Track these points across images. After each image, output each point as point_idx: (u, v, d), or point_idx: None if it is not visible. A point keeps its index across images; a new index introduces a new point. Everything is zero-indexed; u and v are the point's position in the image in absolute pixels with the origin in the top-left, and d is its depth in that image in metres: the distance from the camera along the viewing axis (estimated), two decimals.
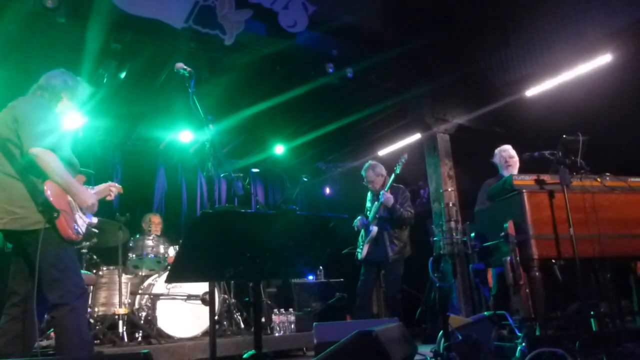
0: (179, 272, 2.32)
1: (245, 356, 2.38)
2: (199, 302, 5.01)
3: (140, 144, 7.82)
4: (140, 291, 5.27)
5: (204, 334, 5.00)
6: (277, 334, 5.27)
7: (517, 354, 2.95)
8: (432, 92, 6.61)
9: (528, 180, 3.32)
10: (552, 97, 6.21)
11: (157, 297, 5.04)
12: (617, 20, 5.37)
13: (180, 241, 4.51)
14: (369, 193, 5.21)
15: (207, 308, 2.91)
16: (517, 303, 3.22)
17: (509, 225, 3.18)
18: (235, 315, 5.60)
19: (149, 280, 5.32)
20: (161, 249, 5.64)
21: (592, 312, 3.33)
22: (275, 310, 5.56)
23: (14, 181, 2.71)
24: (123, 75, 5.66)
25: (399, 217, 4.83)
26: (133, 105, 6.55)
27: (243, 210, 4.64)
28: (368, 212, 5.09)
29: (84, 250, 5.16)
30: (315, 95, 6.18)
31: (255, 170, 8.91)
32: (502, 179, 3.55)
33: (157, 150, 7.99)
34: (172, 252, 5.71)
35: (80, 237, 2.87)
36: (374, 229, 4.89)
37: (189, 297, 5.07)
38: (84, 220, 2.93)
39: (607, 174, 3.43)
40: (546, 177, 3.31)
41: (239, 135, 7.63)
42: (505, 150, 4.45)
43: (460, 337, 3.39)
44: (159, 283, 5.19)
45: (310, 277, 6.65)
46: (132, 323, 4.87)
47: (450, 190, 6.49)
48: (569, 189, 3.17)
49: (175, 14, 4.79)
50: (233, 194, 8.23)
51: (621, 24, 5.35)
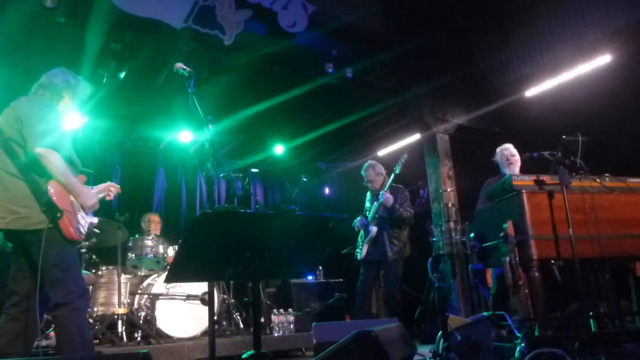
0: (178, 272, 2.32)
1: (244, 356, 2.37)
2: (198, 302, 5.00)
3: (139, 144, 7.82)
4: (139, 291, 5.27)
5: (203, 334, 5.00)
6: (276, 334, 5.26)
7: (516, 355, 2.95)
8: (432, 92, 6.60)
9: (527, 180, 3.32)
10: (552, 97, 6.21)
11: (156, 297, 5.04)
12: (617, 20, 5.38)
13: (180, 241, 4.51)
14: (368, 193, 5.21)
15: (207, 308, 2.91)
16: (517, 303, 3.22)
17: (508, 226, 3.19)
18: (234, 316, 5.60)
19: (148, 280, 5.32)
20: (160, 249, 5.63)
21: (591, 313, 3.33)
22: (275, 310, 5.56)
23: (16, 180, 2.71)
24: (122, 75, 5.66)
25: (398, 217, 4.84)
26: (132, 105, 6.56)
27: (242, 211, 4.65)
28: (367, 212, 5.09)
29: (83, 250, 5.14)
30: (315, 96, 6.18)
31: (254, 170, 8.91)
32: (502, 178, 3.55)
33: (157, 150, 7.99)
34: (171, 252, 5.71)
35: (82, 237, 2.87)
36: (374, 229, 4.89)
37: (188, 297, 5.07)
38: (86, 220, 2.93)
39: (607, 175, 3.43)
40: (545, 178, 3.32)
41: (238, 135, 7.63)
42: (506, 149, 4.45)
43: (459, 338, 3.39)
44: (158, 283, 5.18)
45: (310, 277, 6.65)
46: (131, 323, 4.86)
47: (449, 190, 6.49)
48: (569, 190, 3.18)
49: (175, 13, 4.79)
50: (232, 194, 8.22)
51: (621, 23, 5.35)
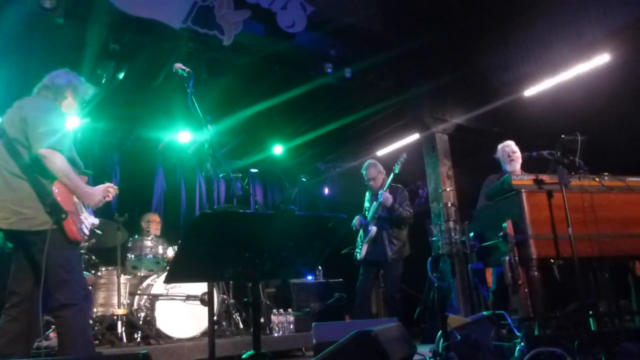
0: (178, 272, 2.32)
1: (244, 356, 2.37)
2: (198, 302, 5.00)
3: (139, 144, 7.82)
4: (139, 292, 5.26)
5: (203, 334, 4.99)
6: (276, 334, 5.26)
7: (515, 354, 2.95)
8: (431, 92, 6.60)
9: (527, 180, 3.32)
10: (551, 97, 6.22)
11: (155, 297, 5.03)
12: (616, 19, 5.38)
13: (179, 241, 4.50)
14: (367, 193, 5.22)
15: (206, 308, 2.91)
16: (516, 303, 3.22)
17: (508, 225, 3.19)
18: (234, 316, 5.60)
19: (148, 281, 5.31)
20: (160, 250, 5.63)
21: (590, 312, 3.33)
22: (274, 310, 5.56)
23: (20, 181, 2.71)
24: (122, 75, 5.65)
25: (397, 216, 4.84)
26: (132, 106, 6.55)
27: (242, 211, 4.63)
28: (366, 212, 5.09)
29: (82, 251, 5.13)
30: (314, 96, 6.18)
31: (254, 171, 8.91)
32: (502, 177, 3.56)
33: (156, 150, 7.99)
34: (170, 252, 5.71)
35: (85, 239, 2.87)
36: (373, 228, 4.89)
37: (188, 297, 5.07)
38: (88, 221, 2.94)
39: (606, 174, 3.43)
40: (545, 177, 3.32)
41: (237, 136, 7.63)
42: (508, 146, 4.45)
43: (459, 337, 3.39)
44: (157, 283, 5.17)
45: (309, 277, 6.64)
46: (131, 324, 4.86)
47: (448, 190, 6.49)
48: (568, 189, 3.18)
49: (174, 14, 4.79)
50: (232, 194, 8.20)
51: (619, 23, 5.36)
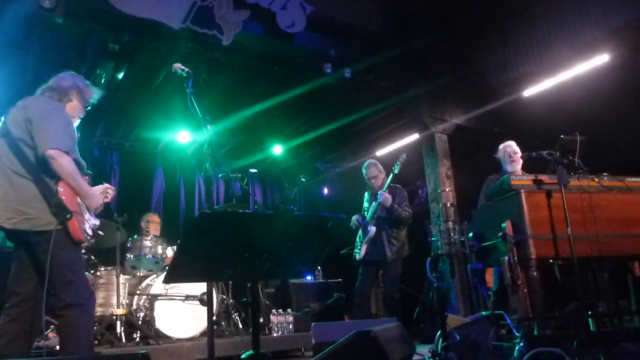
0: (177, 272, 2.32)
1: (243, 357, 2.37)
2: (197, 302, 5.00)
3: (138, 144, 7.81)
4: (138, 292, 5.26)
5: (202, 334, 4.99)
6: (275, 335, 5.26)
7: (515, 354, 2.95)
8: (430, 92, 6.60)
9: (526, 180, 3.32)
10: (550, 97, 6.22)
11: (155, 297, 5.03)
12: (615, 19, 5.39)
13: (178, 242, 4.50)
14: (366, 193, 5.22)
15: (205, 308, 2.92)
16: (515, 303, 3.23)
17: (507, 225, 3.19)
18: (233, 316, 5.60)
19: (147, 281, 5.30)
20: (159, 250, 5.62)
21: (590, 312, 3.34)
22: (274, 310, 5.55)
23: (25, 181, 2.71)
24: (121, 75, 5.65)
25: (397, 217, 4.84)
26: (131, 106, 6.55)
27: (241, 211, 4.63)
28: (365, 212, 5.09)
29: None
30: (313, 96, 6.18)
31: (253, 171, 8.90)
32: (501, 177, 3.56)
33: (155, 150, 7.98)
34: (170, 252, 5.70)
35: (88, 239, 2.88)
36: (372, 229, 4.89)
37: (187, 297, 5.06)
38: (91, 222, 2.94)
39: (605, 174, 3.43)
40: (544, 177, 3.32)
41: (237, 136, 7.62)
42: (509, 146, 4.45)
43: (458, 337, 3.39)
44: (157, 283, 5.17)
45: (309, 277, 6.64)
46: (130, 324, 4.86)
47: (448, 190, 6.49)
48: (567, 189, 3.18)
49: (173, 14, 4.79)
50: (231, 195, 8.20)
51: (619, 23, 5.36)
